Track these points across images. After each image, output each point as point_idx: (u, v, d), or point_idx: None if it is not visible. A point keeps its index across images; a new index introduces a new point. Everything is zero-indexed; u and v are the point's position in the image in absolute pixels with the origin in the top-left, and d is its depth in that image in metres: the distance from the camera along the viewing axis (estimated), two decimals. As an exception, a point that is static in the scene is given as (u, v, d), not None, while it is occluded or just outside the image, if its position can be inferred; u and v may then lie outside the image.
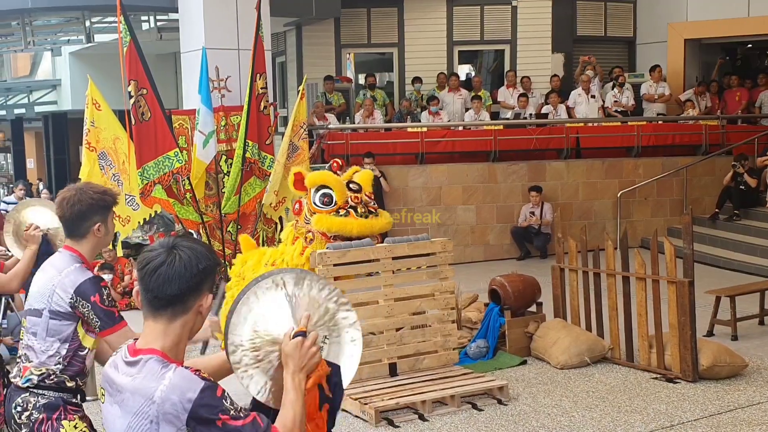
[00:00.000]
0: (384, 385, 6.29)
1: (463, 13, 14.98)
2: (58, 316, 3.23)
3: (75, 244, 3.33)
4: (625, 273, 7.13)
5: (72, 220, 3.29)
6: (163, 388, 2.06)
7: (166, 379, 2.07)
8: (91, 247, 3.35)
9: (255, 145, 9.31)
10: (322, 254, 6.25)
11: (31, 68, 21.48)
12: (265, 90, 9.43)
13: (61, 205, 3.31)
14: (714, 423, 5.76)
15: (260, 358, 2.28)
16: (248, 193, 9.37)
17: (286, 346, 2.24)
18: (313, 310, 2.33)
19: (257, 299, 2.29)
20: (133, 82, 8.54)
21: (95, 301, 3.18)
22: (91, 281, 3.22)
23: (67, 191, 3.33)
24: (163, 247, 2.16)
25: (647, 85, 14.49)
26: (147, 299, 2.16)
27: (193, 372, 2.10)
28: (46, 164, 22.36)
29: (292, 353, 2.22)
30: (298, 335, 2.24)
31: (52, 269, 3.30)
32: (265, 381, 2.29)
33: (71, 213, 3.28)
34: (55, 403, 3.26)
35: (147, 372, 2.11)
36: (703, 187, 13.51)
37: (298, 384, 2.22)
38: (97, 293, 3.20)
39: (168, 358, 2.14)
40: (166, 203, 8.82)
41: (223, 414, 2.05)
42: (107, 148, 8.63)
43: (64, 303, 3.21)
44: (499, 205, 12.76)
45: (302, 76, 11.64)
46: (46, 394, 3.26)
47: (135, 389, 2.10)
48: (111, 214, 3.41)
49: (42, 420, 3.23)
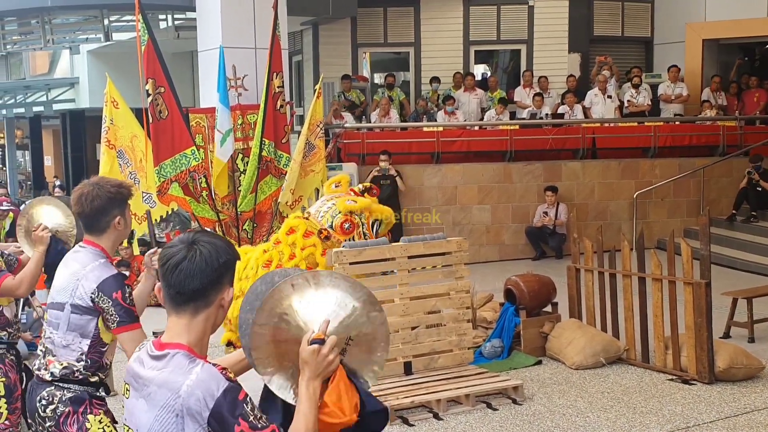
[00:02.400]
0: (399, 383, 6.30)
1: (480, 12, 14.96)
2: (79, 310, 3.25)
3: (96, 239, 3.35)
4: (641, 274, 7.11)
5: (92, 215, 3.31)
6: (190, 383, 2.07)
7: (193, 374, 2.08)
8: (112, 241, 3.38)
9: (271, 144, 9.34)
10: (338, 253, 6.27)
11: (49, 66, 21.62)
12: (281, 89, 9.46)
13: (79, 202, 3.32)
14: (730, 425, 5.73)
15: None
16: (264, 191, 9.40)
17: (303, 351, 2.19)
18: (339, 309, 2.25)
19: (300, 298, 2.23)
20: (150, 80, 8.60)
21: (117, 297, 3.21)
22: (115, 278, 3.25)
23: (84, 187, 3.35)
24: (183, 242, 2.18)
25: (665, 86, 14.42)
26: (169, 295, 2.17)
27: (220, 370, 2.11)
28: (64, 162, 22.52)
29: (309, 360, 2.17)
30: (315, 342, 2.18)
31: (75, 264, 3.32)
32: (285, 379, 2.26)
33: (91, 208, 3.30)
34: (81, 397, 3.29)
35: (174, 366, 2.12)
36: (721, 188, 13.43)
37: (312, 393, 2.17)
38: (120, 290, 3.22)
39: (195, 353, 2.15)
40: (183, 201, 8.87)
41: (242, 419, 2.05)
42: (125, 146, 8.69)
43: (86, 297, 3.24)
44: (514, 205, 12.74)
45: (318, 75, 11.66)
46: (72, 387, 3.29)
47: (162, 383, 2.12)
48: (128, 207, 3.44)
49: (68, 413, 3.25)
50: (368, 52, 15.33)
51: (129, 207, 3.47)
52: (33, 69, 22.46)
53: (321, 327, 2.20)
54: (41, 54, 21.12)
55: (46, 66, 21.75)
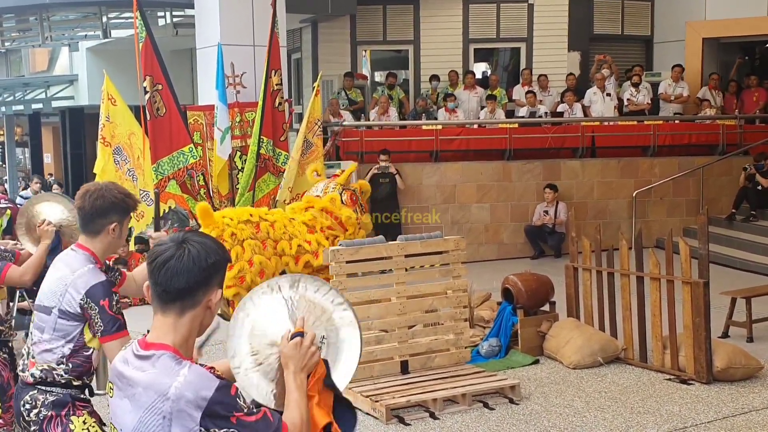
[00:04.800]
0: (395, 382, 6.29)
1: (479, 10, 14.94)
2: (66, 316, 3.23)
3: (88, 242, 3.33)
4: (639, 273, 7.09)
5: (91, 213, 3.29)
6: (178, 385, 2.06)
7: (180, 375, 2.07)
8: (103, 247, 3.34)
9: (270, 142, 9.33)
10: (335, 251, 6.26)
11: (48, 63, 21.61)
12: (280, 86, 9.44)
13: (83, 197, 3.30)
14: (728, 425, 5.71)
15: (260, 361, 2.30)
16: (262, 189, 9.39)
17: (285, 347, 2.27)
18: (309, 311, 2.35)
19: (254, 304, 2.33)
20: (148, 77, 8.59)
21: (104, 305, 3.19)
22: (102, 285, 3.23)
23: (93, 185, 3.35)
24: (173, 241, 2.17)
25: (665, 84, 14.39)
26: (156, 293, 2.17)
27: (208, 369, 2.11)
28: (63, 159, 22.50)
29: (292, 354, 2.25)
30: (296, 336, 2.27)
31: (65, 268, 3.29)
32: (266, 384, 2.31)
33: (92, 206, 3.28)
34: (63, 400, 3.27)
35: (161, 367, 2.11)
36: (720, 188, 13.42)
37: (300, 384, 2.24)
38: (107, 298, 3.20)
39: (180, 355, 2.14)
40: (180, 199, 8.85)
41: (237, 411, 2.07)
42: (122, 143, 8.67)
43: (75, 303, 3.22)
44: (513, 204, 12.72)
45: (317, 73, 11.65)
46: (54, 390, 3.27)
47: (148, 384, 2.10)
48: (128, 219, 3.42)
49: (51, 417, 3.24)
50: (368, 49, 15.31)
51: (129, 220, 3.45)
52: (32, 66, 22.45)
53: (298, 323, 2.30)
54: (40, 51, 21.11)
55: (45, 63, 21.74)
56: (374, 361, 6.42)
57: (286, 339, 2.27)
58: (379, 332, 6.64)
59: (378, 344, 6.49)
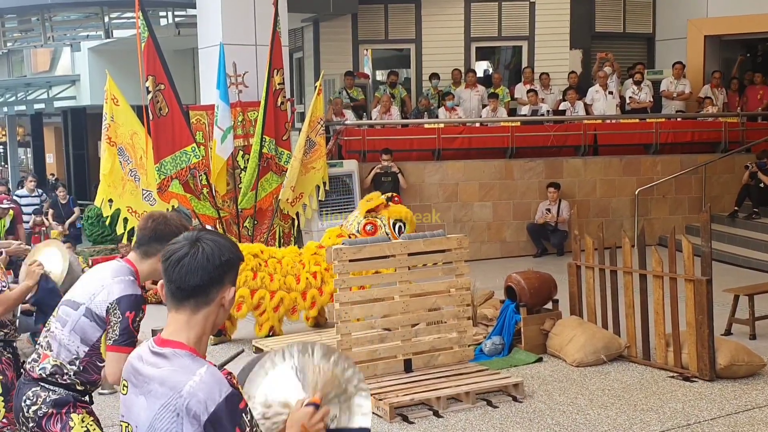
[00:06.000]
0: (399, 381, 6.30)
1: (481, 8, 14.93)
2: (91, 317, 3.27)
3: (137, 261, 3.37)
4: (642, 271, 7.09)
5: (150, 235, 3.33)
6: (192, 384, 2.06)
7: (197, 375, 2.08)
8: (149, 270, 3.38)
9: (272, 141, 9.33)
10: (338, 250, 6.27)
11: (50, 64, 21.63)
12: (282, 86, 9.45)
13: (151, 217, 3.37)
14: (731, 422, 5.71)
15: (268, 416, 2.31)
16: (265, 188, 9.39)
17: (298, 411, 2.28)
18: (332, 386, 2.37)
19: (283, 359, 2.37)
20: (150, 77, 8.59)
21: (128, 317, 3.22)
22: (135, 298, 3.26)
23: (173, 217, 3.40)
24: (186, 239, 2.20)
25: (667, 82, 14.38)
26: (170, 290, 2.19)
27: (225, 375, 2.11)
28: (65, 159, 22.54)
29: (302, 420, 2.26)
30: (312, 405, 2.29)
31: (107, 271, 3.34)
32: None
33: (153, 230, 3.32)
34: (65, 399, 3.31)
35: (178, 365, 2.12)
36: (723, 185, 13.41)
37: None
38: (134, 311, 3.24)
39: (197, 354, 2.16)
40: (183, 198, 8.86)
41: (239, 428, 2.06)
42: (125, 143, 8.68)
43: (103, 306, 3.25)
44: (515, 202, 12.72)
45: (319, 72, 11.65)
46: (57, 390, 3.31)
47: (164, 380, 2.11)
48: None
49: (50, 414, 3.28)
50: (369, 48, 15.31)
51: None
52: (34, 66, 22.47)
53: (318, 394, 2.33)
54: (42, 51, 21.14)
55: (47, 63, 21.76)
56: (377, 359, 6.44)
57: (301, 403, 2.29)
58: (382, 331, 6.66)
59: (381, 342, 6.50)
